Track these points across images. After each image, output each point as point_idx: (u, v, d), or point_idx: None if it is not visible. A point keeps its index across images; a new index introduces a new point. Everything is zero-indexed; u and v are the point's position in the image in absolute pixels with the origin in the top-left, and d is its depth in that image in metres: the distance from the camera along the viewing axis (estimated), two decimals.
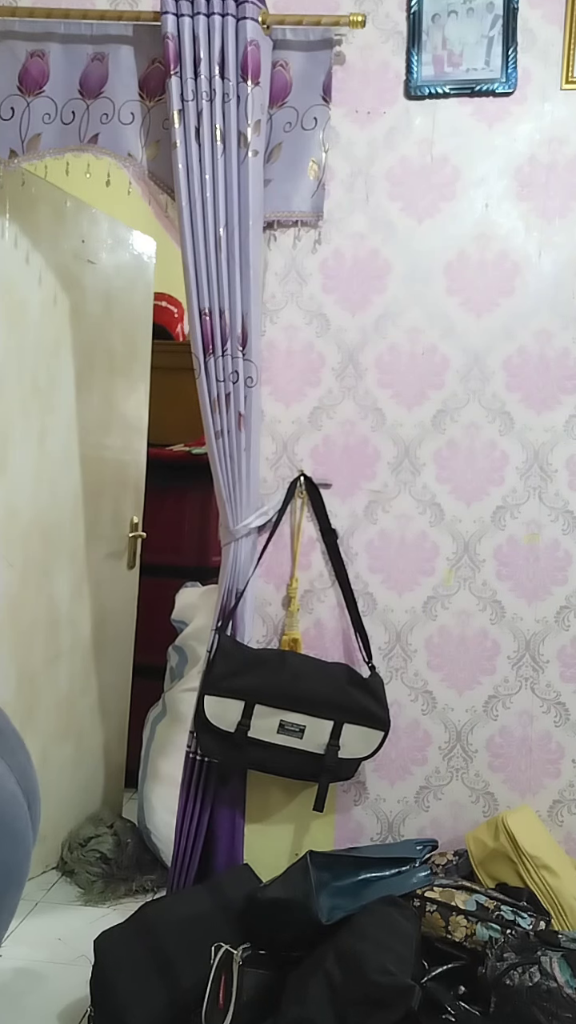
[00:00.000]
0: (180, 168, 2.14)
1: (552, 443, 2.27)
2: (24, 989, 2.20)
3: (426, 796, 2.34)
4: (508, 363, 2.28)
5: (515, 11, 2.20)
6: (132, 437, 3.13)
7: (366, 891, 1.98)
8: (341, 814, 2.35)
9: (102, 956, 1.96)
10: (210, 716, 2.17)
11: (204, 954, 1.88)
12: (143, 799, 2.83)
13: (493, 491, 2.30)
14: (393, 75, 2.26)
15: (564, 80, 2.22)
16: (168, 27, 2.11)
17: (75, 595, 2.83)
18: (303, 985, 1.76)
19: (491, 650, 2.31)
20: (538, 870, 2.07)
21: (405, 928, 1.85)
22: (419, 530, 2.31)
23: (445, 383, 2.29)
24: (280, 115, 2.23)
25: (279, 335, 2.30)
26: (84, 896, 2.65)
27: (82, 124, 2.23)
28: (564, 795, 2.30)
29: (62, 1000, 2.13)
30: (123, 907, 2.55)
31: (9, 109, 2.24)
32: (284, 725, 2.17)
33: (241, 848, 2.30)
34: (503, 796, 2.32)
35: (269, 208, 2.23)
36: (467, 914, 1.92)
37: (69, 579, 2.79)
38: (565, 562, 2.28)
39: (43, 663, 2.69)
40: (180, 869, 2.27)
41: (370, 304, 2.30)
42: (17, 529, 2.52)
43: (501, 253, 2.27)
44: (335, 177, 2.28)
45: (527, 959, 1.76)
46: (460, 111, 2.26)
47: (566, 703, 2.29)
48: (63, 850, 2.82)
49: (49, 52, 2.24)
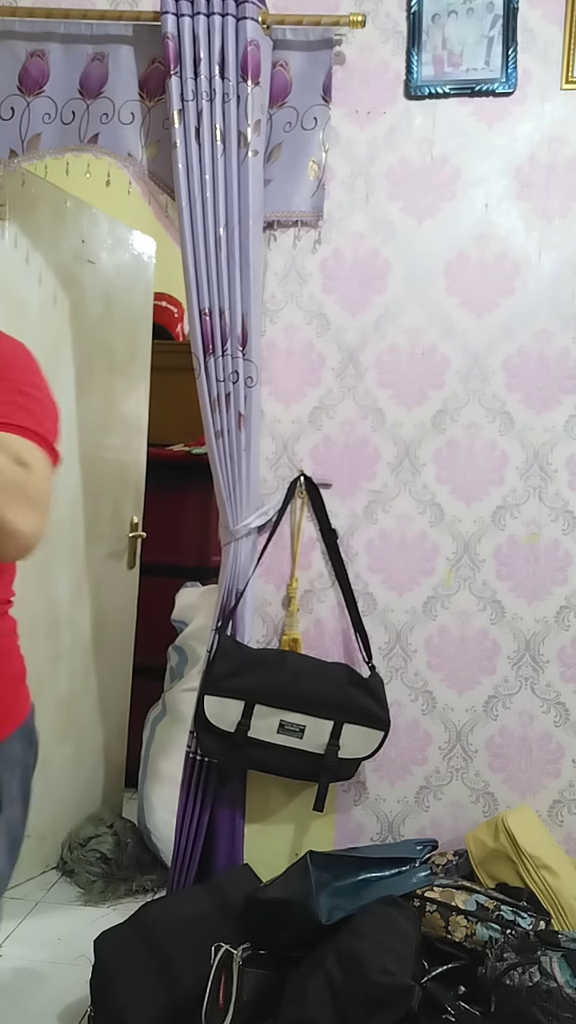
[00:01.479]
0: (180, 168, 2.14)
1: (552, 443, 2.27)
2: (24, 989, 2.20)
3: (426, 796, 2.34)
4: (508, 363, 2.28)
5: (515, 11, 2.20)
6: (132, 437, 3.13)
7: (366, 891, 1.98)
8: (341, 814, 2.35)
9: (102, 956, 1.96)
10: (210, 716, 2.17)
11: (204, 954, 1.88)
12: (143, 799, 2.82)
13: (493, 491, 2.30)
14: (393, 75, 2.26)
15: (564, 80, 2.22)
16: (168, 27, 2.11)
17: (75, 595, 2.82)
18: (303, 985, 1.76)
19: (491, 650, 2.31)
20: (538, 870, 2.07)
21: (405, 928, 1.85)
22: (419, 530, 2.31)
23: (445, 383, 2.29)
24: (280, 115, 2.23)
25: (279, 335, 2.30)
26: (84, 896, 2.65)
27: (82, 124, 2.23)
28: (564, 795, 2.30)
29: (62, 1000, 2.13)
30: (123, 907, 2.55)
31: (9, 109, 2.24)
32: (284, 725, 2.17)
33: (241, 848, 2.30)
34: (503, 796, 2.32)
35: (269, 208, 2.23)
36: (467, 914, 1.92)
37: (69, 579, 2.79)
38: (565, 562, 2.28)
39: (43, 663, 2.68)
40: (180, 869, 2.27)
41: (370, 304, 2.30)
42: None
43: (501, 253, 2.27)
44: (335, 177, 2.28)
45: (527, 959, 1.76)
46: (460, 111, 2.25)
47: (566, 703, 2.29)
48: (63, 850, 2.82)
49: (49, 52, 2.23)
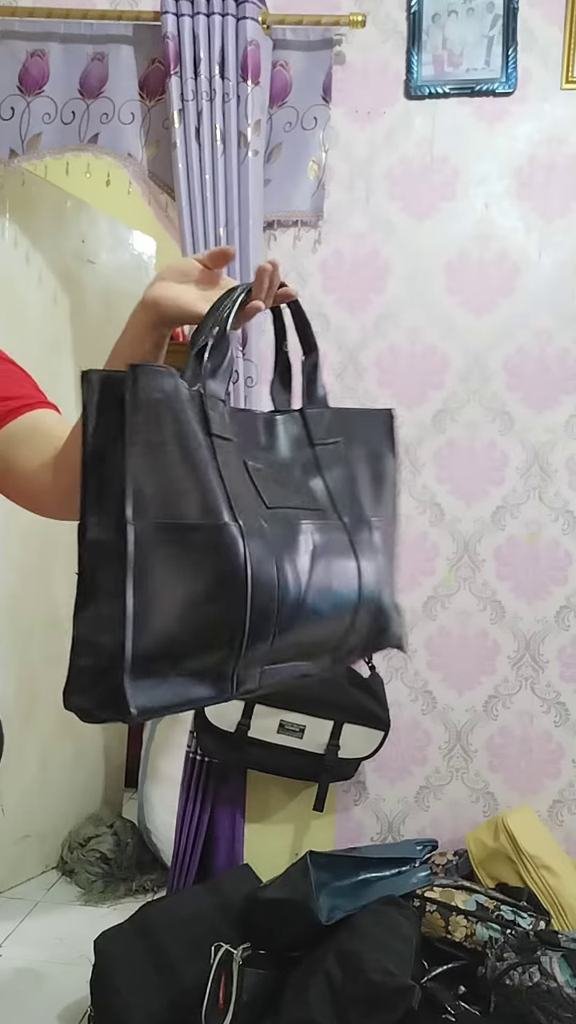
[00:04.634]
0: (180, 168, 2.14)
1: (552, 443, 2.27)
2: (24, 989, 2.19)
3: (426, 796, 2.34)
4: (508, 363, 2.28)
5: (515, 11, 2.20)
6: None
7: (366, 891, 1.97)
8: (341, 814, 2.35)
9: (102, 956, 1.96)
10: (210, 716, 2.17)
11: (204, 954, 1.88)
12: (143, 799, 2.82)
13: (493, 491, 2.30)
14: (393, 75, 2.26)
15: (564, 80, 2.22)
16: (168, 27, 2.11)
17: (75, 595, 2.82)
18: (303, 985, 1.76)
19: (491, 650, 2.31)
20: (538, 870, 2.07)
21: (405, 928, 1.85)
22: (419, 530, 2.31)
23: (445, 383, 2.29)
24: (280, 115, 2.23)
25: None
26: (84, 896, 2.65)
27: (82, 124, 2.23)
28: (564, 795, 2.30)
29: (62, 1000, 2.13)
30: (123, 907, 2.55)
31: (9, 109, 2.24)
32: (284, 725, 2.17)
33: (241, 848, 2.30)
34: (503, 796, 2.32)
35: (269, 208, 2.23)
36: (467, 914, 1.92)
37: (69, 579, 2.78)
38: (565, 562, 2.28)
39: (43, 663, 2.68)
40: (180, 869, 2.27)
41: (370, 304, 2.30)
42: (17, 529, 2.52)
43: (501, 253, 2.27)
44: (335, 177, 2.28)
45: (527, 959, 1.76)
46: (460, 111, 2.25)
47: (566, 703, 2.29)
48: (63, 850, 2.82)
49: (49, 52, 2.23)
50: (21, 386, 1.07)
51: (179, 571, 0.75)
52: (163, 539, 0.74)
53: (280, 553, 0.81)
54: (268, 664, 0.82)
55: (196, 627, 0.75)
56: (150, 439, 0.75)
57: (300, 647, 0.85)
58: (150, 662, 0.73)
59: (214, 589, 0.76)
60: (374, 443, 1.02)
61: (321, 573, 0.85)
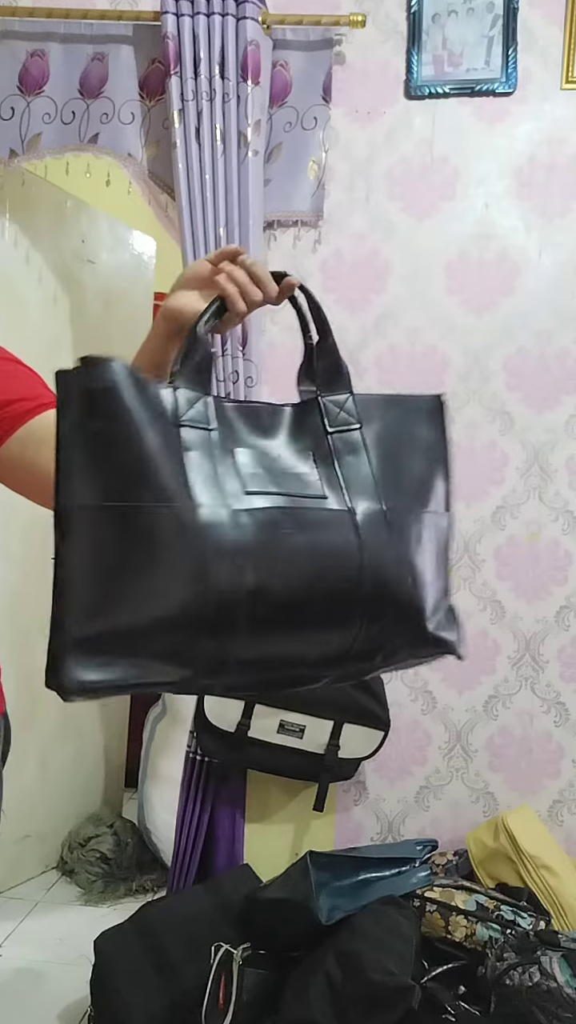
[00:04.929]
0: (180, 168, 2.14)
1: (552, 443, 2.27)
2: (24, 989, 2.20)
3: (426, 796, 2.34)
4: (508, 363, 2.28)
5: (515, 11, 2.20)
6: None
7: (366, 891, 1.97)
8: (341, 814, 2.35)
9: (102, 956, 1.96)
10: (210, 716, 2.17)
11: (204, 954, 1.88)
12: (143, 799, 2.82)
13: (493, 491, 2.29)
14: (393, 75, 2.26)
15: (564, 80, 2.22)
16: (168, 27, 2.11)
17: None
18: (303, 985, 1.76)
19: (491, 650, 2.31)
20: (538, 870, 2.07)
21: (405, 928, 1.85)
22: None
23: (445, 383, 2.29)
24: (280, 115, 2.23)
25: (279, 335, 2.30)
26: (84, 896, 2.65)
27: (82, 124, 2.23)
28: (564, 795, 2.30)
29: (62, 1000, 2.13)
30: (123, 907, 2.55)
31: (9, 109, 2.24)
32: (284, 725, 2.17)
33: (241, 848, 2.30)
34: (503, 796, 2.32)
35: (269, 208, 2.23)
36: (467, 914, 1.92)
37: None
38: (565, 562, 2.28)
39: (43, 663, 2.68)
40: (180, 869, 2.27)
41: (370, 304, 2.30)
42: (17, 527, 2.52)
43: (501, 253, 2.27)
44: (335, 177, 2.28)
45: (527, 959, 1.76)
46: (460, 111, 2.25)
47: (566, 703, 2.29)
48: (63, 850, 2.82)
49: (49, 52, 2.23)
50: (33, 387, 1.08)
51: (125, 551, 0.76)
52: (106, 519, 0.76)
53: (250, 539, 0.79)
54: (257, 658, 0.81)
55: (147, 608, 0.76)
56: (94, 426, 0.78)
57: (300, 647, 0.84)
58: (97, 640, 0.76)
59: (162, 569, 0.76)
60: (410, 430, 1.01)
61: (303, 561, 0.82)
